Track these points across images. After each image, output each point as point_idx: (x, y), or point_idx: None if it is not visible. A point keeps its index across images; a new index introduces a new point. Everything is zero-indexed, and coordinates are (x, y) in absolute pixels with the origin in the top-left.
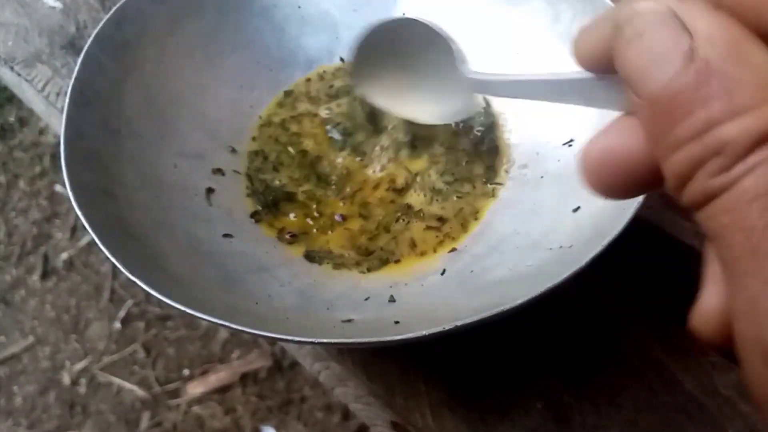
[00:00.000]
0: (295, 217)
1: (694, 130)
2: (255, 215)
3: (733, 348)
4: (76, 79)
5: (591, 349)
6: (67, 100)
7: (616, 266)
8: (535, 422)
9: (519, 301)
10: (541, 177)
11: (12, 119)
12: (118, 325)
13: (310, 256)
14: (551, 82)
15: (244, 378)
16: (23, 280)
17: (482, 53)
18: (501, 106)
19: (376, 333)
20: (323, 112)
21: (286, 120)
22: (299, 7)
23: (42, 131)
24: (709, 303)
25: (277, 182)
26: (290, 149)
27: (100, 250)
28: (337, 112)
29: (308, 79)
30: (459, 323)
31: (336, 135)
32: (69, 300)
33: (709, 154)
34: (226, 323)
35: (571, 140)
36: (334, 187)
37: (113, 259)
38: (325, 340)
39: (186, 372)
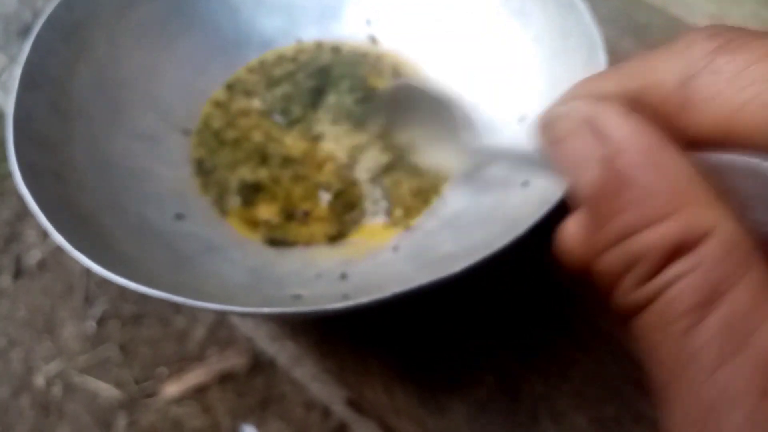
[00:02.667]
0: (267, 206)
1: (614, 237)
2: (223, 211)
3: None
4: (26, 62)
5: (541, 321)
6: (16, 83)
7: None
8: (485, 394)
9: (457, 269)
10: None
11: None
12: (93, 324)
13: (274, 242)
14: (529, 153)
15: (222, 376)
16: None
17: (436, 31)
18: (444, 82)
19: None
20: (256, 104)
21: (222, 128)
22: None
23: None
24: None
25: (235, 179)
26: (237, 150)
27: (41, 223)
28: (271, 99)
29: (250, 70)
30: (397, 290)
31: (278, 119)
32: (42, 300)
33: (629, 264)
34: (171, 296)
35: (523, 117)
36: (290, 171)
37: (57, 235)
38: (266, 311)
39: (163, 371)
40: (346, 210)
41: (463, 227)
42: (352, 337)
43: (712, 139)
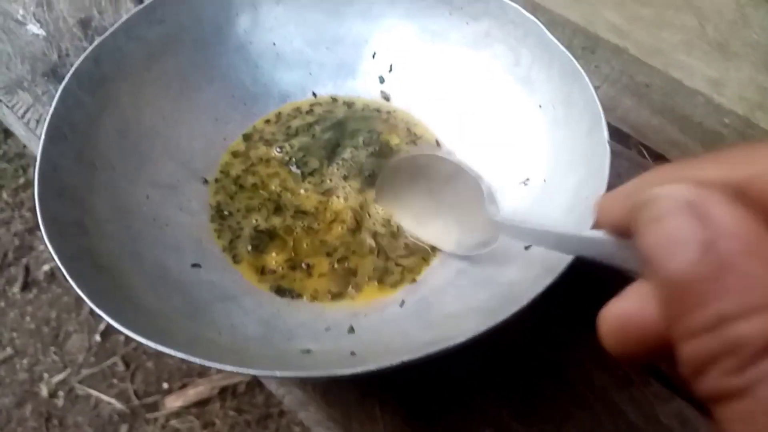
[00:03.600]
0: (276, 255)
1: (708, 323)
2: (234, 257)
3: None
4: (52, 114)
5: (540, 377)
6: (42, 135)
7: (567, 298)
8: None
9: (458, 340)
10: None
11: None
12: (97, 337)
13: (280, 291)
14: (575, 237)
15: (223, 392)
16: (3, 291)
17: (446, 93)
18: (452, 143)
19: (331, 365)
20: (275, 152)
21: (241, 174)
22: (274, 44)
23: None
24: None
25: (248, 225)
26: (254, 197)
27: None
28: (289, 149)
29: (267, 121)
30: (405, 358)
31: (295, 169)
32: (49, 312)
33: (722, 351)
34: (186, 356)
35: (527, 179)
36: (301, 223)
37: (78, 290)
38: (278, 374)
39: (165, 385)
40: (348, 275)
41: (466, 287)
42: (357, 386)
43: None
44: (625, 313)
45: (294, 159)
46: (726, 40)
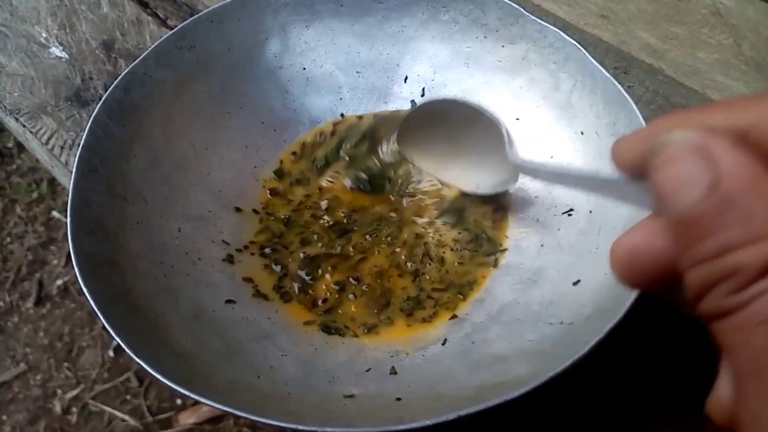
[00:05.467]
0: (330, 277)
1: (711, 252)
2: (283, 296)
3: None
4: (83, 147)
5: (589, 421)
6: (73, 169)
7: (619, 339)
8: None
9: (520, 391)
10: (542, 246)
11: (10, 144)
12: (111, 353)
13: (327, 328)
14: (590, 178)
15: None
16: (17, 306)
17: None
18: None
19: (378, 412)
20: (347, 182)
21: (291, 215)
22: (304, 68)
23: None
24: (724, 392)
25: (298, 257)
26: (313, 226)
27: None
28: (366, 175)
29: (294, 153)
30: (462, 413)
31: (362, 183)
32: (62, 327)
33: (723, 275)
34: (231, 410)
35: (571, 210)
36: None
37: (117, 338)
38: (328, 430)
39: (178, 402)
40: (383, 298)
41: (512, 324)
42: None
43: None
44: (636, 244)
45: (368, 178)
46: (764, 58)
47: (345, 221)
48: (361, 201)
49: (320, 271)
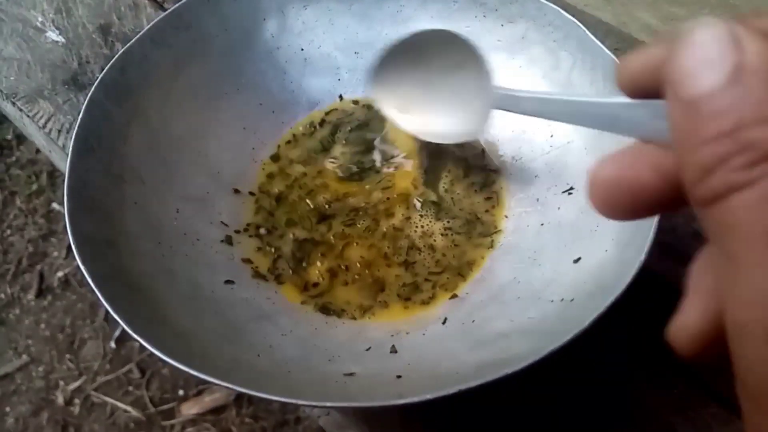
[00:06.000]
0: (320, 264)
1: (724, 129)
2: (277, 278)
3: (706, 354)
4: (79, 126)
5: (593, 399)
6: (70, 149)
7: (617, 315)
8: None
9: (521, 365)
10: (542, 224)
11: (9, 136)
12: (112, 344)
13: (325, 309)
14: (576, 102)
15: (239, 399)
16: (18, 298)
17: None
18: (503, 150)
19: (378, 389)
20: (329, 165)
21: (284, 190)
22: (302, 49)
23: (39, 150)
24: (689, 316)
25: (289, 240)
26: (299, 207)
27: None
28: (345, 154)
29: (288, 142)
30: (463, 387)
31: (354, 173)
32: (64, 319)
33: (734, 151)
34: (230, 384)
35: (571, 188)
36: (343, 227)
37: (119, 319)
38: (329, 404)
39: (180, 392)
40: (376, 286)
41: (513, 303)
42: (400, 411)
43: None
44: (616, 173)
45: (351, 165)
46: None
47: (326, 207)
48: (345, 189)
49: (311, 256)
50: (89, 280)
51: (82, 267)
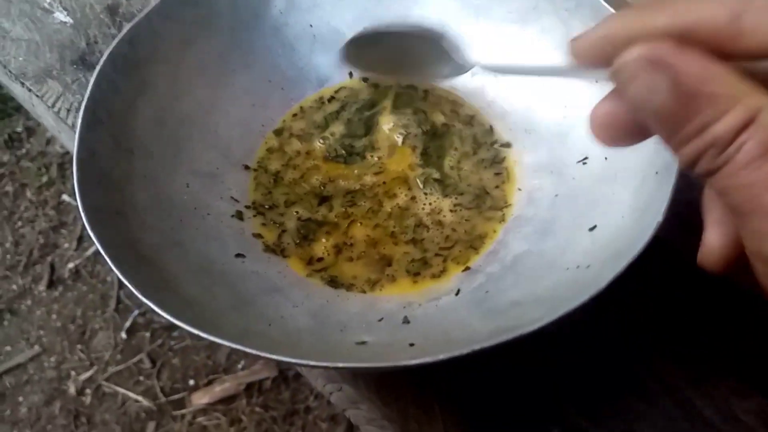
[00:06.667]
0: (326, 241)
1: (693, 132)
2: (282, 252)
3: (734, 272)
4: (88, 98)
5: (607, 373)
6: (79, 120)
7: (632, 288)
8: None
9: (536, 325)
10: (556, 195)
11: (20, 129)
12: (123, 335)
13: (329, 281)
14: (547, 68)
15: (249, 388)
16: (29, 289)
17: (492, 71)
18: (514, 124)
19: (391, 356)
20: (317, 144)
21: (280, 170)
22: (311, 25)
23: (49, 141)
24: (712, 241)
25: (293, 216)
26: (296, 188)
27: (110, 266)
28: (332, 139)
29: (294, 115)
30: (476, 347)
31: (340, 154)
32: (75, 310)
33: (707, 146)
34: (240, 346)
35: (586, 158)
36: (345, 207)
37: (127, 282)
38: (340, 365)
39: (191, 382)
40: (383, 262)
41: (527, 273)
42: (414, 383)
43: (759, 56)
44: (609, 110)
45: (339, 147)
46: None
47: (321, 188)
48: (334, 171)
49: (316, 234)
50: (99, 247)
51: (91, 234)
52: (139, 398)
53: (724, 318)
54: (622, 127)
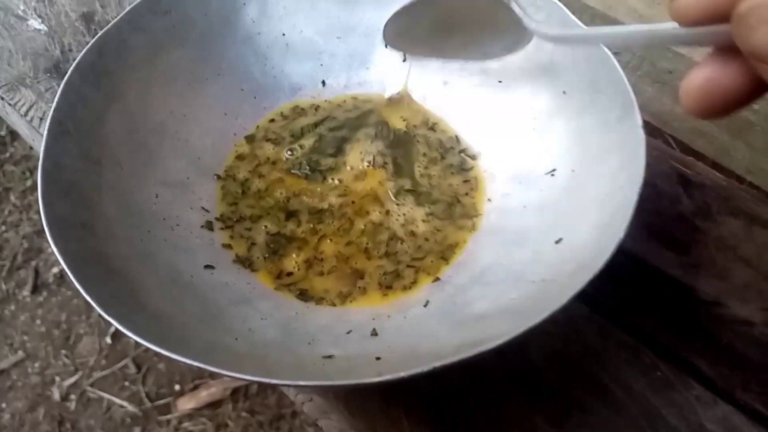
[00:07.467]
0: (296, 256)
1: None
2: (250, 265)
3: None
4: (55, 109)
5: (574, 382)
6: (45, 131)
7: (599, 298)
8: None
9: (498, 342)
10: (524, 207)
11: (3, 133)
12: (108, 340)
13: (298, 293)
14: (637, 32)
15: (235, 393)
16: (14, 294)
17: (464, 81)
18: (482, 134)
19: (357, 370)
20: (285, 155)
21: (249, 178)
22: (283, 34)
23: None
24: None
25: (261, 230)
26: (262, 202)
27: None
28: (299, 152)
29: (272, 120)
30: (437, 364)
31: (303, 172)
32: (59, 315)
33: None
34: (203, 365)
35: (554, 170)
36: (321, 222)
37: (89, 298)
38: (301, 383)
39: (177, 387)
40: (355, 276)
41: (494, 284)
42: (381, 394)
43: None
44: (707, 76)
45: (305, 162)
46: None
47: (286, 202)
48: (297, 186)
49: (286, 249)
50: (61, 261)
51: (54, 248)
52: (125, 404)
53: (689, 326)
54: (721, 95)
